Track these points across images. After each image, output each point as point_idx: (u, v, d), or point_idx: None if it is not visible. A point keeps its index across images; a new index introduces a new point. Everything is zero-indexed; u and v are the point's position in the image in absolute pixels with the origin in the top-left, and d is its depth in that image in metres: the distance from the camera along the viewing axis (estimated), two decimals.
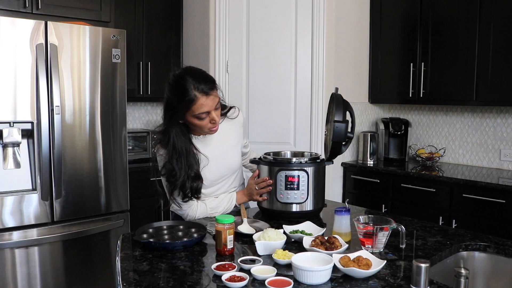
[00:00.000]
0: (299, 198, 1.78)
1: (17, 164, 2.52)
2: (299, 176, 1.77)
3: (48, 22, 2.57)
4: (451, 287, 1.14)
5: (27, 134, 2.56)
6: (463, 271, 1.10)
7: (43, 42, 2.54)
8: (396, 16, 3.49)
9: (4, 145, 2.48)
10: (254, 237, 1.47)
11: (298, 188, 1.77)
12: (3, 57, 2.44)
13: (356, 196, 3.48)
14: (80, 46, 2.69)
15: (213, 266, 1.26)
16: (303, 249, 1.38)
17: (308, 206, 1.80)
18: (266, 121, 3.36)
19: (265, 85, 3.35)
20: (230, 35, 3.35)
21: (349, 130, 1.76)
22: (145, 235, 1.52)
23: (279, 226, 1.61)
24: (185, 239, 1.48)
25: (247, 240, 1.54)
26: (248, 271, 1.23)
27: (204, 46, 3.48)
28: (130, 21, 3.45)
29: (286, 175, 1.78)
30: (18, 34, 2.48)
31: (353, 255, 1.27)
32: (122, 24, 3.33)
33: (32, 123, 2.54)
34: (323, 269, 1.17)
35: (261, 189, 1.82)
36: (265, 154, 1.90)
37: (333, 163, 1.92)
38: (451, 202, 2.91)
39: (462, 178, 2.87)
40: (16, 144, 2.50)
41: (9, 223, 2.50)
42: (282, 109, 3.35)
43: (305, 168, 1.78)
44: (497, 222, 2.69)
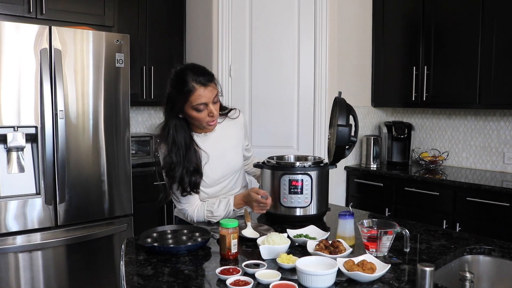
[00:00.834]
0: (303, 202, 1.78)
1: (21, 169, 2.53)
2: (302, 180, 1.77)
3: (52, 27, 2.59)
4: None
5: (31, 139, 2.57)
6: (468, 275, 1.10)
7: (47, 46, 2.56)
8: (399, 20, 3.49)
9: (8, 149, 2.49)
10: (258, 241, 1.47)
11: (301, 192, 1.77)
12: (7, 61, 2.46)
13: (360, 200, 3.48)
14: (84, 51, 2.70)
15: (218, 271, 1.26)
16: (307, 253, 1.38)
17: (312, 210, 1.80)
18: (269, 125, 3.37)
19: (268, 89, 3.36)
20: (233, 39, 3.36)
21: (352, 134, 1.76)
22: (149, 240, 1.52)
23: (283, 230, 1.61)
24: (189, 244, 1.48)
25: (251, 244, 1.54)
26: (252, 275, 1.23)
27: (207, 50, 3.49)
28: (133, 26, 3.47)
29: (289, 179, 1.78)
30: (22, 39, 2.49)
31: (357, 259, 1.27)
32: (125, 28, 3.34)
33: (36, 127, 2.55)
34: (328, 273, 1.17)
35: (259, 205, 1.76)
36: (268, 158, 1.90)
37: (336, 167, 1.91)
38: (454, 205, 2.90)
39: (465, 181, 2.86)
40: (20, 149, 2.51)
41: (13, 227, 2.50)
42: (285, 113, 3.35)
43: (308, 172, 1.78)
44: (501, 226, 2.68)
